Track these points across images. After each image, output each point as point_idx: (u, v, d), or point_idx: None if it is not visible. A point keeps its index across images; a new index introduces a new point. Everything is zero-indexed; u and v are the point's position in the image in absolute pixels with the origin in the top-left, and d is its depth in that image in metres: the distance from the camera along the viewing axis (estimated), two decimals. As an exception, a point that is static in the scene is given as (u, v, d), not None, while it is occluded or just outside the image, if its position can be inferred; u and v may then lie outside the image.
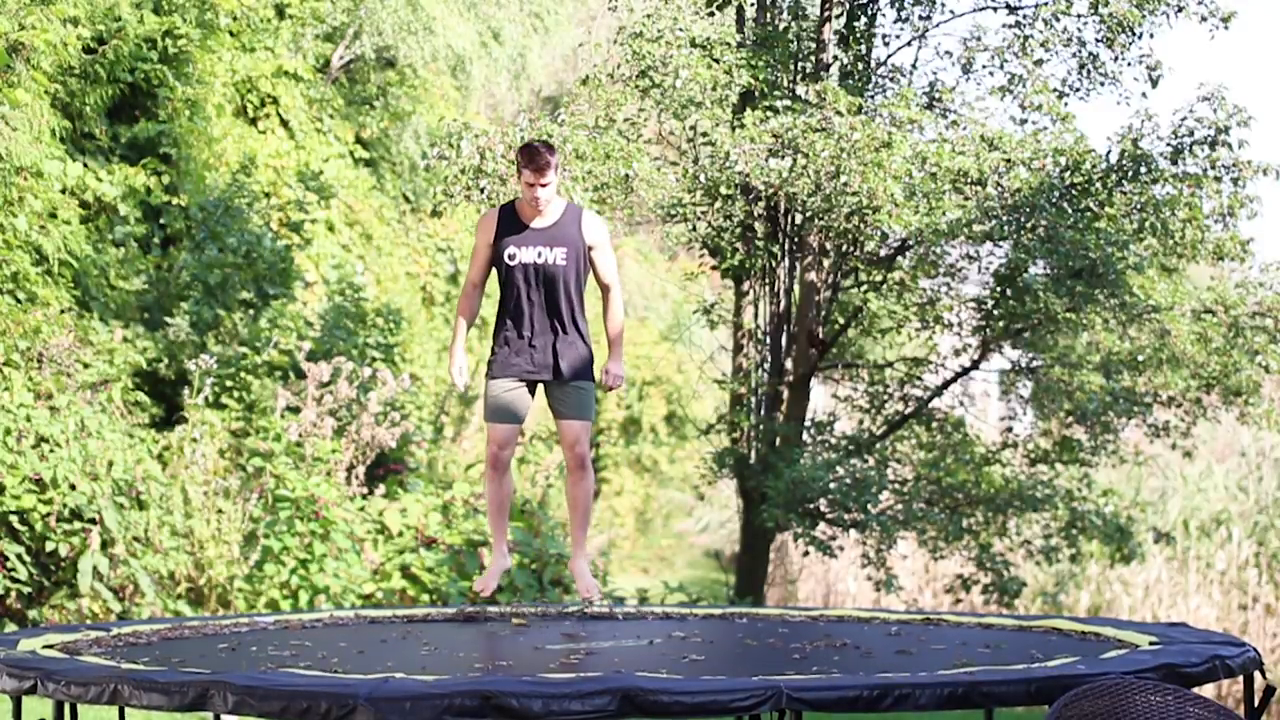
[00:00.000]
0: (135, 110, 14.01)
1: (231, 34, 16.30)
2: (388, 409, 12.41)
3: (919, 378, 13.30)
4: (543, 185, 6.36)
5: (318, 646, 5.73)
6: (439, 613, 6.98)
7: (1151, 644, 5.43)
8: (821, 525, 12.45)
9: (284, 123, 18.00)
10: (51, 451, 10.32)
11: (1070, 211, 11.46)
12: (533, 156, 6.35)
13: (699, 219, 12.40)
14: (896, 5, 12.64)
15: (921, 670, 4.79)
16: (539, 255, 6.43)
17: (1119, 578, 17.77)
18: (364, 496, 12.07)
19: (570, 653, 5.50)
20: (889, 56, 12.82)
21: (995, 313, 12.35)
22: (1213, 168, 11.69)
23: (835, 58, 12.64)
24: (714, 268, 13.11)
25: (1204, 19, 11.74)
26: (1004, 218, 11.47)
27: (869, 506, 11.94)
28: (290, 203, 16.42)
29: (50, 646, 5.48)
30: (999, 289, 12.23)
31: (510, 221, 6.48)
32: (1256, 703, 5.07)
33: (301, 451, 11.72)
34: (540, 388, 6.63)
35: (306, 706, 4.16)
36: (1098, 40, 12.03)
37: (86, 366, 11.49)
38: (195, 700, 4.36)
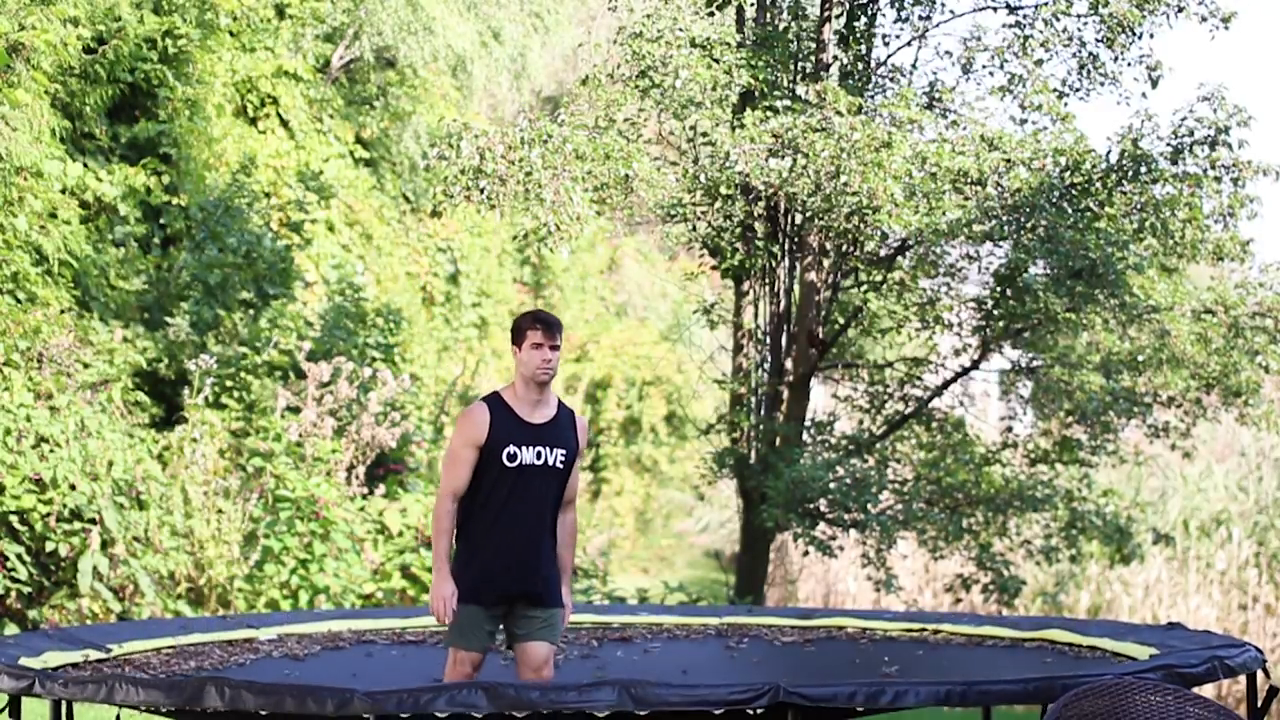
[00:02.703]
0: (135, 110, 14.00)
1: (231, 34, 16.29)
2: (388, 409, 12.41)
3: (919, 378, 13.29)
4: (553, 348, 5.39)
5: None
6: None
7: (1151, 657, 5.43)
8: (821, 525, 12.44)
9: (284, 123, 17.99)
10: (51, 451, 10.32)
11: (1070, 211, 11.44)
12: (542, 317, 5.44)
13: (699, 219, 12.39)
14: (896, 5, 12.63)
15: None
16: (539, 457, 5.39)
17: (1119, 578, 17.76)
18: (364, 496, 12.07)
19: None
20: (889, 56, 12.82)
21: (995, 313, 12.34)
22: (1213, 168, 11.68)
23: (835, 58, 12.63)
24: (714, 268, 13.10)
25: (1204, 19, 11.73)
26: (1004, 218, 11.46)
27: (869, 506, 11.93)
28: (290, 203, 16.41)
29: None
30: (999, 289, 12.21)
31: (505, 417, 5.39)
32: (1260, 703, 5.07)
33: (301, 451, 11.71)
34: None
35: (305, 703, 4.15)
36: (1098, 40, 12.02)
37: (86, 366, 11.48)
38: (192, 698, 4.36)
